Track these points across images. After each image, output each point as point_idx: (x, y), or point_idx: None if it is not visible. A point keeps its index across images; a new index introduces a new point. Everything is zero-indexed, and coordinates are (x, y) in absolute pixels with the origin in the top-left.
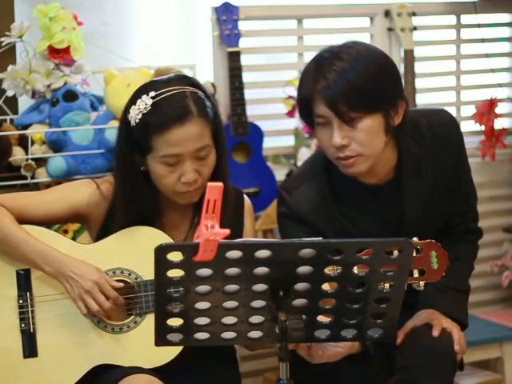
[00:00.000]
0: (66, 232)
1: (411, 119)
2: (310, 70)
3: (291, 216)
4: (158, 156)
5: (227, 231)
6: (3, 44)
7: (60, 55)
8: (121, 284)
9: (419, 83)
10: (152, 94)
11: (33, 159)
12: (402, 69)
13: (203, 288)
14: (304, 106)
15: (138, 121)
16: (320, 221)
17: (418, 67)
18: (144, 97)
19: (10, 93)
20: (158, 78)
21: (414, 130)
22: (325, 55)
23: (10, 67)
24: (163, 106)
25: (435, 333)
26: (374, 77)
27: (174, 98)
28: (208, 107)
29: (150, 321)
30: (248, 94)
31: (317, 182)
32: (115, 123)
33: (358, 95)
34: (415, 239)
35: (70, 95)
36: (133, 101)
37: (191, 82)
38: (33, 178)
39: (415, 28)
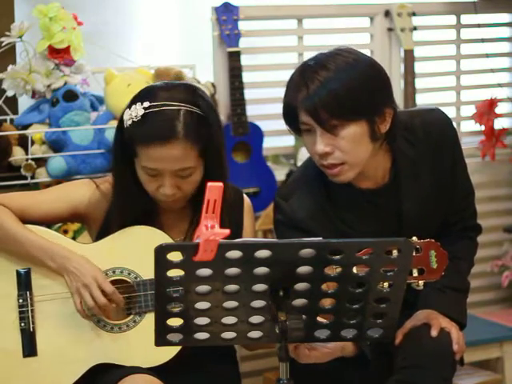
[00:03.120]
0: (65, 232)
1: (404, 120)
2: (293, 79)
3: (288, 223)
4: (141, 164)
5: (227, 231)
6: (3, 44)
7: (60, 55)
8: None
9: (419, 83)
10: (146, 104)
11: (33, 159)
12: (402, 69)
13: (203, 288)
14: (289, 113)
15: (128, 126)
16: (317, 227)
17: (418, 67)
18: (138, 104)
19: (9, 93)
20: (163, 85)
21: (407, 131)
22: (310, 63)
23: (10, 67)
24: (151, 120)
25: (434, 333)
26: (359, 86)
27: (164, 114)
28: (201, 128)
29: (149, 320)
30: (248, 93)
31: (312, 188)
32: (115, 123)
33: (339, 104)
34: (414, 239)
35: (70, 95)
36: (130, 103)
37: (193, 98)
38: (33, 178)
39: (415, 28)
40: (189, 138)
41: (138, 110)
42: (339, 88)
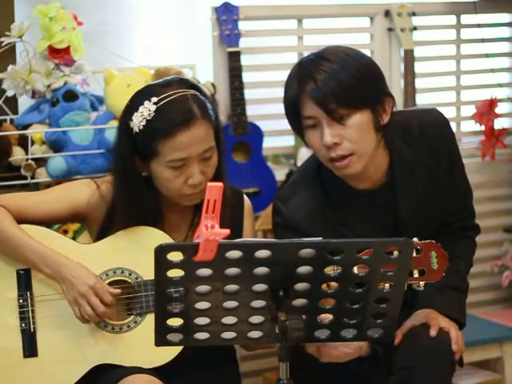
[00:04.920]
0: (65, 232)
1: (401, 121)
2: (295, 73)
3: (287, 226)
4: (165, 161)
5: (227, 231)
6: (3, 44)
7: (60, 55)
8: (118, 290)
9: (419, 83)
10: (154, 99)
11: (33, 159)
12: (402, 69)
13: (203, 288)
14: (291, 109)
15: (141, 127)
16: (316, 230)
17: (418, 67)
18: (146, 103)
19: (10, 93)
20: (156, 83)
21: (404, 132)
22: (310, 57)
23: (9, 67)
24: (167, 110)
25: (433, 333)
26: (363, 75)
27: (176, 101)
28: (209, 108)
29: (150, 321)
30: (248, 93)
31: (311, 191)
32: (115, 123)
33: (347, 92)
34: (415, 240)
35: (70, 95)
36: (132, 108)
37: (190, 85)
38: (33, 178)
39: (415, 28)
40: (205, 118)
41: (149, 107)
42: (347, 77)
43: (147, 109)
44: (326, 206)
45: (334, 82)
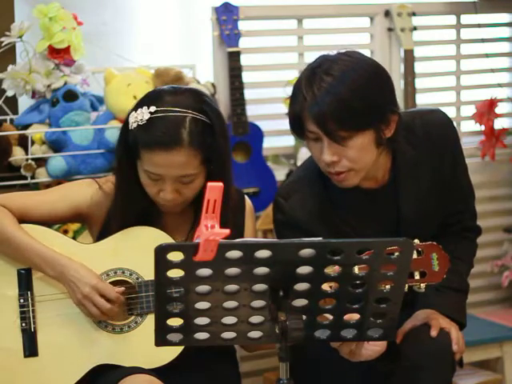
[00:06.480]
0: (66, 232)
1: (405, 121)
2: (301, 85)
3: (288, 223)
4: (143, 168)
5: (227, 231)
6: (3, 44)
7: (60, 55)
8: (122, 288)
9: (419, 83)
10: (152, 108)
11: (33, 159)
12: (402, 69)
13: (203, 288)
14: (295, 121)
15: (132, 128)
16: (317, 227)
17: (418, 67)
18: (145, 108)
19: (9, 93)
20: (171, 89)
21: (408, 132)
22: (316, 71)
23: (9, 67)
24: (156, 126)
25: (433, 333)
26: (363, 91)
27: (170, 120)
28: (206, 136)
29: (150, 321)
30: (248, 93)
31: (313, 188)
32: (115, 123)
33: (346, 113)
34: (416, 241)
35: (70, 95)
36: (137, 105)
37: (200, 105)
38: (33, 178)
39: (415, 28)
40: (193, 146)
41: (144, 113)
42: (344, 92)
43: (142, 114)
44: (328, 204)
45: (331, 99)
